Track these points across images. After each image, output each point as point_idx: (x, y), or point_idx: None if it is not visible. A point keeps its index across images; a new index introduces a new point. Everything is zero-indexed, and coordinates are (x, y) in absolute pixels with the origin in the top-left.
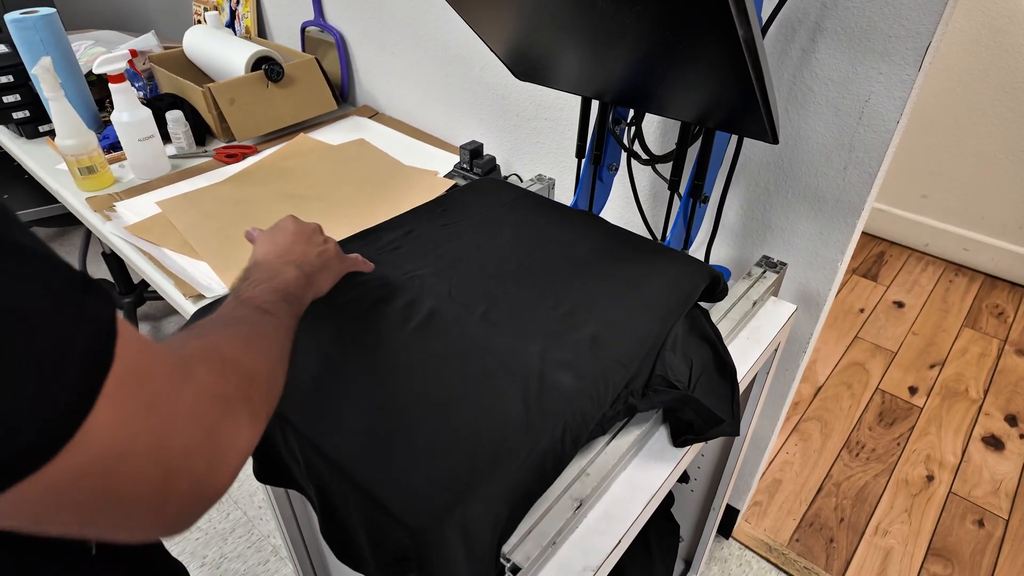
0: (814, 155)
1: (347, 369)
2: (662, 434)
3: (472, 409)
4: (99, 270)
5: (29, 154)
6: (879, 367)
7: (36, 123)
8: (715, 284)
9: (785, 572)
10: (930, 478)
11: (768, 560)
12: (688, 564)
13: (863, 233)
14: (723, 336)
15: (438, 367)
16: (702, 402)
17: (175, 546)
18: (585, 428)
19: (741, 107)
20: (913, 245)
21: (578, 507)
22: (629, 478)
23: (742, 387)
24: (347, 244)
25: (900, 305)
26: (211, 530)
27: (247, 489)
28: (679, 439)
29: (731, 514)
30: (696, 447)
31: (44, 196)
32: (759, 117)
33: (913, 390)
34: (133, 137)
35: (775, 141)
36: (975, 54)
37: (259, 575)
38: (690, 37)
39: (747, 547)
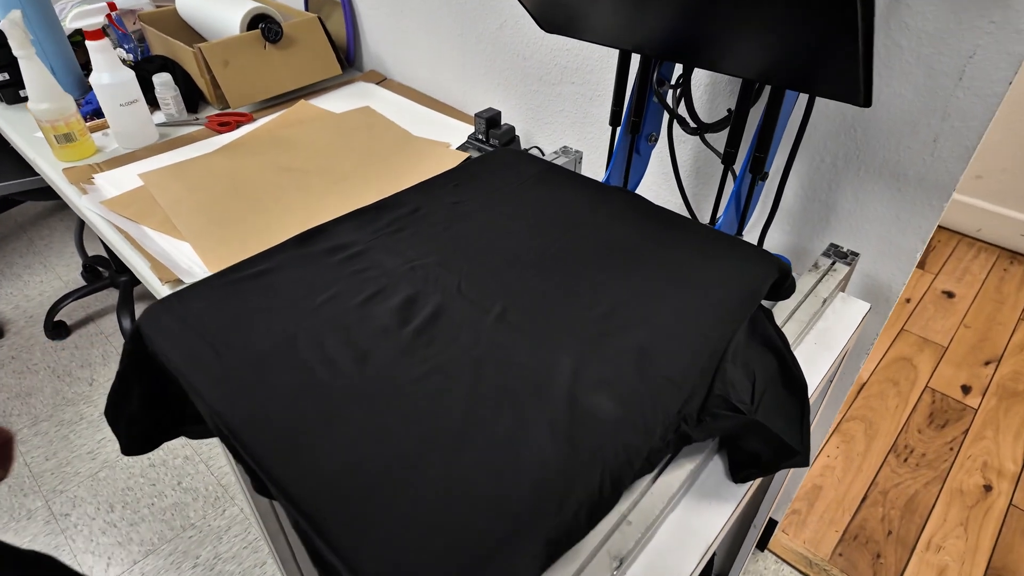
0: (896, 124)
1: (330, 384)
2: (717, 465)
3: (486, 441)
4: (96, 246)
5: (8, 120)
6: (928, 363)
7: (17, 87)
8: (783, 279)
9: None
10: (988, 488)
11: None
12: None
13: None
14: (790, 342)
15: (443, 384)
16: (771, 429)
17: (167, 536)
18: (630, 468)
19: (828, 57)
20: (964, 230)
21: (617, 566)
22: (679, 523)
23: (812, 400)
24: (342, 223)
25: (950, 295)
26: (205, 527)
27: (246, 482)
28: (740, 473)
29: (768, 524)
30: (757, 480)
31: (29, 167)
32: (854, 70)
33: (966, 389)
34: (115, 102)
35: (867, 104)
36: None
37: None
38: None
39: (784, 560)
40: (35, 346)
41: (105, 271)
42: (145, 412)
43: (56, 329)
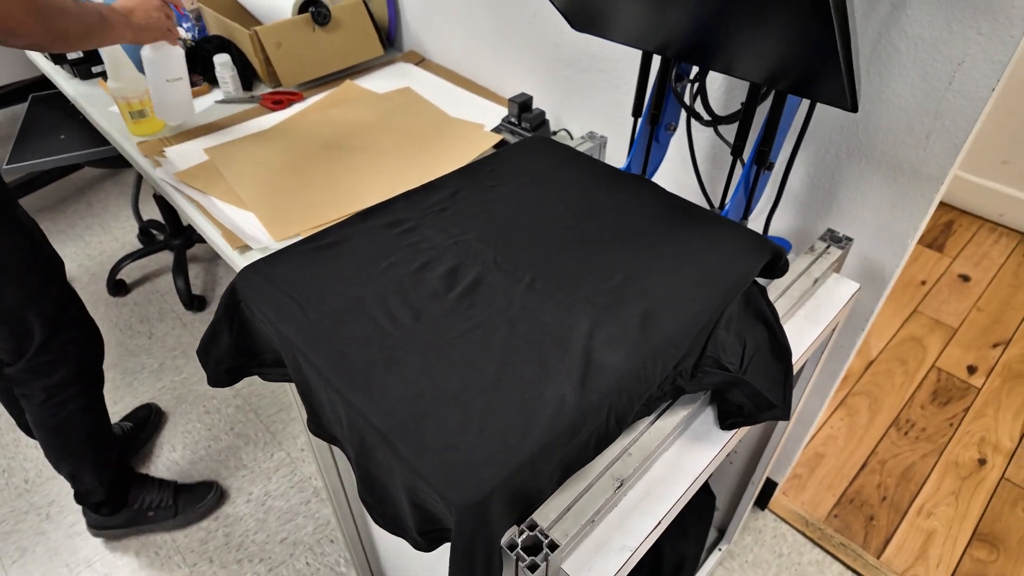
0: (894, 121)
1: (392, 337)
2: (709, 415)
3: (516, 384)
4: (151, 211)
5: (83, 95)
6: (937, 343)
7: (89, 63)
8: (776, 260)
9: (820, 547)
10: (982, 461)
11: (804, 534)
12: (722, 533)
13: None
14: (780, 315)
15: (482, 338)
16: (754, 385)
17: (223, 475)
18: (631, 409)
19: (819, 70)
20: (986, 215)
21: (619, 486)
22: (672, 459)
23: (796, 368)
24: (396, 202)
25: (966, 279)
26: (256, 468)
27: (291, 431)
28: (727, 422)
29: (769, 486)
30: (743, 429)
31: (98, 137)
32: (839, 82)
33: (972, 369)
34: (161, 77)
35: (854, 109)
36: None
37: (301, 514)
38: None
39: (783, 519)
40: (99, 302)
41: (160, 234)
42: (230, 355)
43: (117, 287)
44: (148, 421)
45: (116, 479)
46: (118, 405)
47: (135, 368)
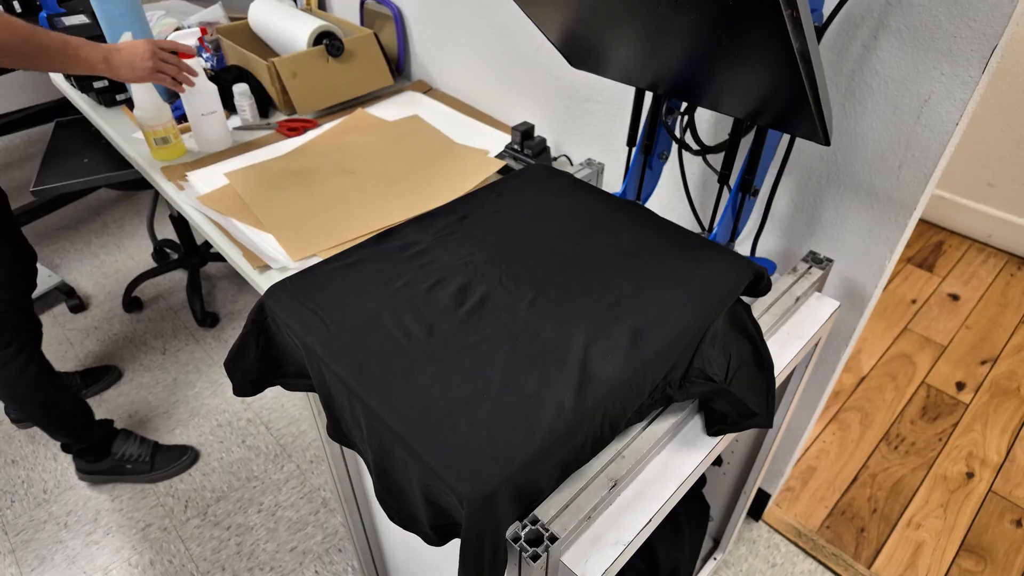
0: (869, 152)
1: (407, 349)
2: (697, 422)
3: (520, 391)
4: (166, 230)
5: (108, 121)
6: (927, 360)
7: (114, 92)
8: (758, 280)
9: (813, 557)
10: (970, 475)
11: (796, 544)
12: (716, 543)
13: (921, 220)
14: (764, 331)
15: (489, 350)
16: (736, 395)
17: (235, 485)
18: (623, 415)
19: (793, 109)
20: (975, 235)
21: (613, 486)
22: (662, 462)
23: (780, 381)
24: (408, 226)
25: (955, 298)
26: (267, 479)
27: (300, 443)
28: (713, 428)
29: (762, 498)
30: (728, 436)
31: (119, 161)
32: (811, 120)
33: (960, 386)
34: (198, 112)
35: (826, 143)
36: None
37: (310, 523)
38: (746, 43)
39: (776, 530)
40: (115, 318)
41: (174, 254)
42: (256, 366)
43: (132, 304)
44: (102, 379)
45: (85, 428)
46: (132, 419)
47: (149, 383)
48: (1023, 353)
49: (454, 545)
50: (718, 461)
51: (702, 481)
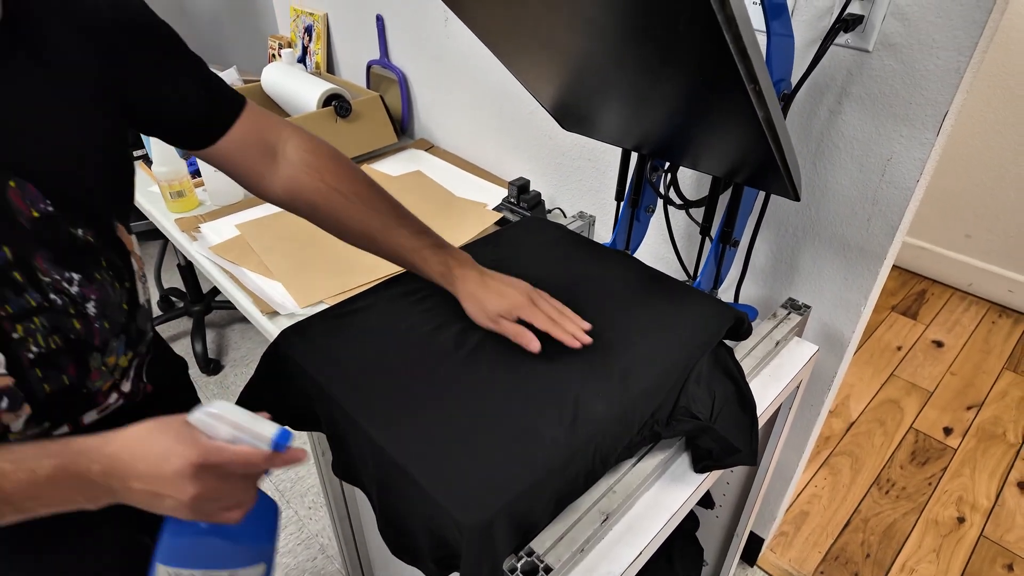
0: (840, 206)
1: (411, 388)
2: (684, 460)
3: (516, 427)
4: (173, 279)
5: None
6: (914, 406)
7: (131, 147)
8: (739, 325)
9: None
10: (961, 520)
11: None
12: None
13: (904, 270)
14: (747, 372)
15: (488, 390)
16: (720, 432)
17: None
18: (613, 450)
19: (764, 169)
20: (956, 284)
21: (604, 520)
22: (652, 497)
23: (763, 420)
24: (407, 275)
25: (939, 345)
26: None
27: (298, 490)
28: (699, 465)
29: (756, 542)
30: (716, 473)
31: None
32: (780, 178)
33: (948, 431)
34: (211, 168)
35: (796, 199)
36: (1021, 93)
37: (307, 571)
38: (718, 112)
39: (771, 575)
40: None
41: (179, 301)
42: (266, 407)
43: None
44: None
45: None
46: None
47: None
48: (1008, 399)
49: None
50: (710, 504)
51: (695, 524)
